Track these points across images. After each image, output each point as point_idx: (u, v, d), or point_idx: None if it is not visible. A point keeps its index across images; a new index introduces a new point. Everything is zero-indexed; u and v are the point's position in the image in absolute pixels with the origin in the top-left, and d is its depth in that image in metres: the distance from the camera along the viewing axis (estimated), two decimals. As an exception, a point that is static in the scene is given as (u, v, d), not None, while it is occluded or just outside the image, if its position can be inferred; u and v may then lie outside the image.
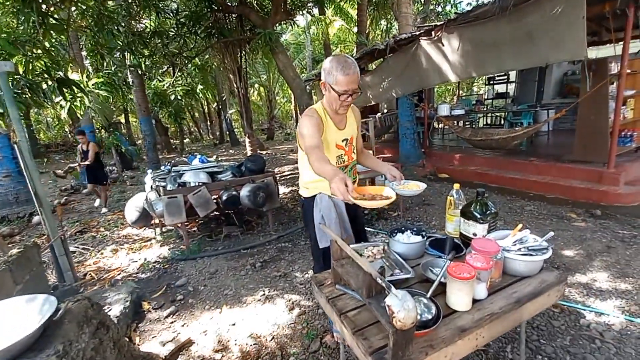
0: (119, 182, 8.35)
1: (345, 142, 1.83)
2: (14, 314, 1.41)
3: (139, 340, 2.26)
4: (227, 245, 3.81)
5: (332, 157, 1.80)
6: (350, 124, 1.85)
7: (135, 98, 7.73)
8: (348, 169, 1.88)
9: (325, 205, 1.84)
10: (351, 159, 1.88)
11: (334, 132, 1.77)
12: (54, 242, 2.76)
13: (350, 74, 1.58)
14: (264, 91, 20.36)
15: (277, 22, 6.40)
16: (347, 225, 1.88)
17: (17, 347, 1.20)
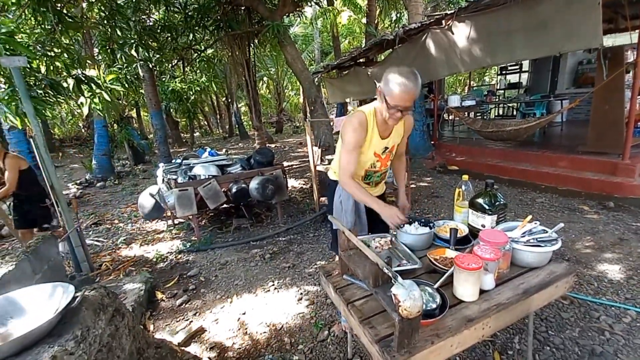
0: (131, 176, 8.52)
1: (384, 150, 1.81)
2: (35, 301, 1.48)
3: (153, 328, 2.34)
4: (237, 237, 3.88)
5: (366, 161, 1.81)
6: (396, 132, 1.81)
7: (146, 92, 7.84)
8: (377, 175, 1.90)
9: (345, 193, 1.90)
10: (384, 166, 1.89)
11: (377, 140, 1.75)
12: (71, 234, 2.85)
13: (407, 91, 1.51)
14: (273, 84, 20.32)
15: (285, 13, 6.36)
16: (362, 215, 1.95)
17: (37, 332, 1.26)
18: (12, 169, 3.16)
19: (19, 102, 3.32)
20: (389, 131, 1.77)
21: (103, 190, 7.10)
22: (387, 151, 1.82)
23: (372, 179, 1.92)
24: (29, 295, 1.51)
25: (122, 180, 8.01)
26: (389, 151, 1.82)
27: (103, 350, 1.50)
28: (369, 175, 1.89)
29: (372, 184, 1.94)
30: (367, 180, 1.93)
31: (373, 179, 1.92)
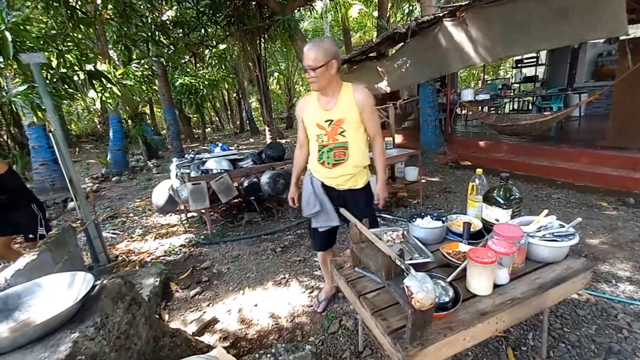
0: (145, 171, 8.68)
1: (328, 122, 1.84)
2: (56, 289, 1.53)
3: (168, 318, 2.40)
4: (248, 230, 3.92)
5: (311, 136, 1.94)
6: (343, 106, 1.82)
7: (159, 88, 7.95)
8: (326, 150, 1.89)
9: (306, 178, 2.08)
10: (334, 141, 1.87)
11: (317, 112, 1.87)
12: (88, 226, 2.93)
13: (306, 52, 1.74)
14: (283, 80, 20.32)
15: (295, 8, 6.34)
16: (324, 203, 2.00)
17: (59, 318, 1.31)
18: None
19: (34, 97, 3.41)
20: (333, 103, 1.84)
21: (118, 185, 7.27)
22: (332, 124, 1.84)
23: (323, 157, 1.91)
24: (51, 283, 1.57)
25: (136, 174, 8.17)
26: (335, 124, 1.83)
27: (121, 337, 1.55)
28: (321, 153, 1.92)
29: (328, 164, 1.91)
30: (321, 160, 1.93)
31: (325, 157, 1.91)
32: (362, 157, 1.93)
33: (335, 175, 1.93)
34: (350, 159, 1.89)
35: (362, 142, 1.91)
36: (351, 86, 1.87)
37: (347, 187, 1.96)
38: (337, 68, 1.77)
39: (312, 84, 1.80)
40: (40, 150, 5.97)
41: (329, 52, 1.72)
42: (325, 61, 1.71)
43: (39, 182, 6.02)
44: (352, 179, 1.95)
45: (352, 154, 1.89)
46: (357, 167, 1.92)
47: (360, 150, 1.91)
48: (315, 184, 2.01)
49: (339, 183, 1.96)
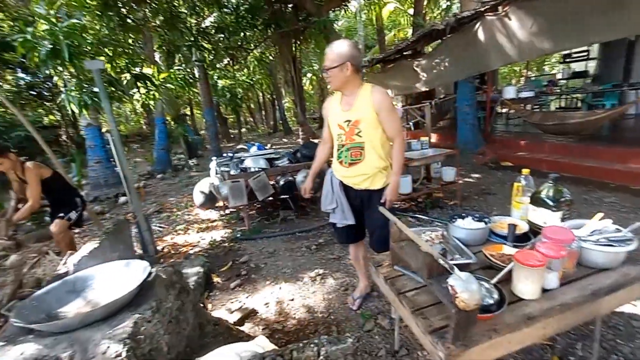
0: (186, 169, 9.16)
1: (347, 123, 1.91)
2: (118, 274, 1.69)
3: (210, 307, 2.54)
4: (283, 228, 4.03)
5: (334, 135, 2.03)
6: (360, 107, 1.87)
7: (200, 91, 8.36)
8: (344, 149, 1.95)
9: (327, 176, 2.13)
10: (351, 141, 1.92)
11: (338, 112, 1.95)
12: (139, 219, 3.17)
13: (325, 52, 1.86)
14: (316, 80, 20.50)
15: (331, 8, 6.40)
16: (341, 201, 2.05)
17: (121, 301, 1.45)
18: (33, 182, 2.76)
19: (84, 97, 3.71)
20: (352, 104, 1.89)
21: (162, 182, 7.74)
22: (350, 124, 1.90)
23: (342, 156, 1.98)
24: (113, 269, 1.73)
25: (178, 172, 8.65)
26: (353, 125, 1.89)
27: (172, 322, 1.67)
28: (340, 152, 1.98)
29: (345, 163, 1.97)
30: (340, 159, 1.99)
31: (343, 156, 1.97)
32: (378, 158, 1.93)
33: (351, 174, 1.98)
34: (366, 159, 1.92)
35: (379, 143, 1.92)
36: (370, 87, 1.89)
37: (363, 187, 1.99)
38: (354, 70, 1.83)
39: (329, 84, 1.93)
40: (96, 149, 6.51)
41: (344, 55, 1.78)
42: (339, 63, 1.78)
43: (94, 178, 6.57)
44: (368, 179, 1.96)
45: (368, 155, 1.92)
46: (373, 167, 1.94)
47: (376, 151, 1.92)
48: (334, 182, 2.06)
49: (356, 182, 1.99)
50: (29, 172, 2.79)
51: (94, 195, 6.29)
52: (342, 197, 2.04)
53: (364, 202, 2.02)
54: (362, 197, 2.01)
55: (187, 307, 1.91)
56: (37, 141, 3.39)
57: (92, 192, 6.43)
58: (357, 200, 2.04)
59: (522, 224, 1.66)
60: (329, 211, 2.14)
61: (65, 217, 3.01)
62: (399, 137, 1.94)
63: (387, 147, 1.98)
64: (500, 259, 1.46)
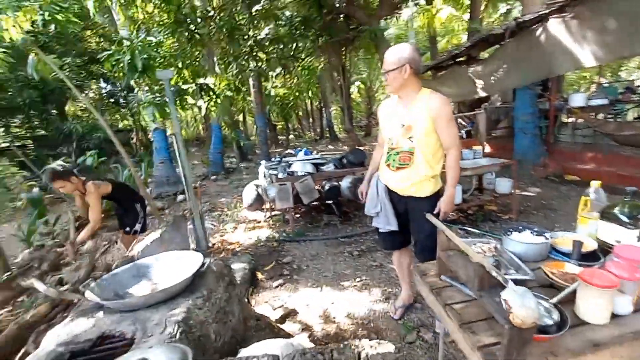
0: (237, 172, 9.68)
1: (400, 126, 1.89)
2: (175, 263, 1.84)
3: (254, 303, 2.65)
4: (326, 232, 4.07)
5: (385, 138, 2.02)
6: (416, 112, 1.83)
7: (254, 98, 8.85)
8: (394, 153, 1.93)
9: (374, 179, 2.13)
10: (402, 145, 1.90)
11: (392, 114, 1.95)
12: (195, 216, 3.42)
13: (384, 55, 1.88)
14: (364, 88, 20.49)
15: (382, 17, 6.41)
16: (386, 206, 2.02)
17: (178, 287, 1.58)
18: (94, 203, 2.83)
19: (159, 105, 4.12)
20: (408, 109, 1.87)
21: (216, 183, 8.26)
22: (403, 128, 1.87)
23: (390, 159, 1.95)
24: (171, 258, 1.89)
25: (230, 175, 9.17)
26: (407, 129, 1.85)
27: (220, 312, 1.77)
28: (389, 155, 1.96)
29: (392, 167, 1.94)
30: (387, 162, 1.97)
31: (391, 159, 1.94)
32: (428, 166, 1.87)
33: (397, 179, 1.93)
34: (414, 165, 1.87)
35: (431, 151, 1.86)
36: (429, 92, 1.84)
37: (409, 194, 1.93)
38: (413, 72, 1.80)
39: (386, 87, 1.94)
40: (161, 150, 7.18)
41: (403, 57, 1.77)
42: (399, 65, 1.77)
43: (158, 177, 7.24)
44: (415, 186, 1.91)
45: (417, 161, 1.86)
46: (421, 175, 1.88)
47: (426, 159, 1.86)
48: (380, 186, 2.04)
49: (401, 188, 1.94)
50: (89, 194, 2.87)
51: (157, 192, 6.91)
52: (387, 201, 2.01)
53: (409, 209, 1.98)
54: (407, 203, 1.97)
55: (233, 300, 2.01)
56: (114, 143, 3.83)
57: (156, 189, 7.08)
58: (402, 206, 2.00)
59: (590, 241, 1.50)
60: (373, 215, 2.12)
61: (131, 231, 3.17)
62: (456, 148, 1.87)
63: (439, 156, 1.91)
64: (563, 278, 1.33)
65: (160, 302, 1.55)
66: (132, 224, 3.21)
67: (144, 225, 3.37)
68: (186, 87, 4.38)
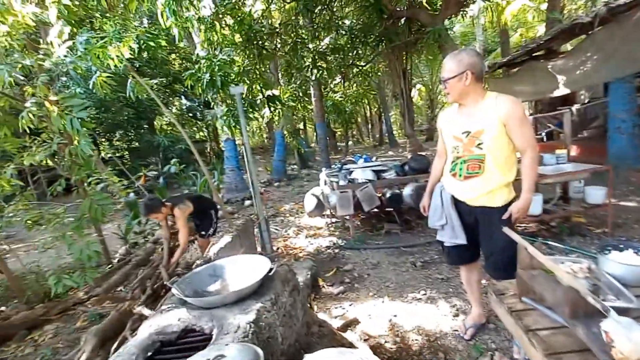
0: (298, 179, 10.03)
1: (466, 134, 1.78)
2: (246, 266, 1.96)
3: (315, 309, 2.69)
4: (387, 241, 3.98)
5: (448, 147, 1.91)
6: (483, 117, 1.72)
7: (314, 107, 9.14)
8: (460, 161, 1.82)
9: (437, 188, 2.01)
10: (469, 153, 1.78)
11: (454, 123, 1.85)
12: (261, 220, 3.62)
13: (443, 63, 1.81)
14: (426, 91, 19.76)
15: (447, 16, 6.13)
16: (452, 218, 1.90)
17: (249, 289, 1.68)
18: (182, 227, 3.09)
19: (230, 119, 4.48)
20: (472, 114, 1.76)
21: (278, 189, 8.65)
22: (469, 136, 1.76)
23: (456, 168, 1.84)
24: (243, 261, 2.02)
25: (291, 181, 9.55)
26: (473, 136, 1.74)
27: (286, 316, 1.84)
28: (454, 164, 1.85)
29: (459, 176, 1.83)
30: (453, 171, 1.86)
31: (457, 168, 1.83)
32: (500, 173, 1.74)
33: (466, 188, 1.82)
34: (485, 173, 1.74)
35: (502, 156, 1.73)
36: (495, 95, 1.73)
37: (479, 204, 1.79)
38: (475, 79, 1.70)
39: (446, 96, 1.84)
40: (231, 159, 7.82)
41: (463, 64, 1.69)
42: (458, 72, 1.69)
43: (228, 183, 7.88)
44: (486, 195, 1.77)
45: (489, 168, 1.73)
46: (494, 182, 1.74)
47: (498, 165, 1.73)
48: (445, 197, 1.93)
49: (471, 198, 1.81)
50: (177, 219, 3.12)
51: (227, 198, 7.51)
52: (453, 213, 1.90)
53: (480, 220, 1.84)
54: (478, 214, 1.83)
55: (297, 305, 2.07)
56: (193, 152, 4.27)
57: (226, 195, 7.70)
58: (471, 217, 1.87)
59: None
60: (437, 228, 2.01)
61: (206, 235, 3.50)
62: (532, 149, 1.71)
63: (512, 162, 1.77)
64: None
65: (233, 302, 1.66)
66: (207, 228, 3.52)
67: (216, 229, 3.67)
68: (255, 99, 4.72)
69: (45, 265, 4.28)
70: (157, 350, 1.47)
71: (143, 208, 3.15)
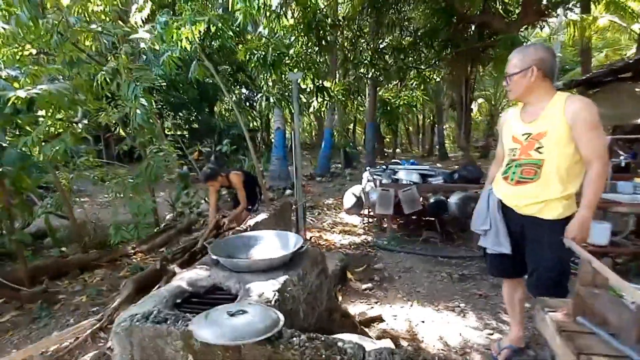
0: (341, 177, 10.03)
1: (526, 136, 1.63)
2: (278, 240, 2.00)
3: (341, 299, 2.65)
4: (424, 248, 3.81)
5: (506, 149, 1.77)
6: (547, 119, 1.56)
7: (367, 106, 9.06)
8: (515, 165, 1.68)
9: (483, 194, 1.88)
10: (526, 157, 1.63)
11: (516, 124, 1.71)
12: (299, 206, 3.65)
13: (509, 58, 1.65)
14: (487, 106, 18.66)
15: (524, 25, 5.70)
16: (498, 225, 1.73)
17: (278, 260, 1.71)
18: (240, 187, 3.43)
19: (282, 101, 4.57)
20: (535, 115, 1.61)
21: (320, 184, 8.74)
22: (529, 138, 1.61)
23: (509, 171, 1.70)
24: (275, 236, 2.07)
25: (334, 178, 9.59)
26: (533, 138, 1.59)
27: (311, 295, 1.83)
28: (508, 167, 1.71)
29: (511, 180, 1.68)
30: (505, 174, 1.72)
31: (510, 172, 1.69)
32: (559, 182, 1.54)
33: (516, 194, 1.65)
34: (541, 180, 1.57)
35: (564, 164, 1.53)
36: (565, 96, 1.55)
37: (528, 213, 1.61)
38: (542, 75, 1.55)
39: (508, 93, 1.73)
40: (279, 148, 8.08)
41: (529, 59, 1.55)
42: (522, 68, 1.55)
43: (273, 171, 8.14)
44: (537, 205, 1.59)
45: (545, 175, 1.56)
46: (548, 192, 1.56)
47: (558, 174, 1.54)
48: (492, 200, 1.77)
49: (519, 205, 1.64)
50: (234, 183, 3.46)
51: (269, 185, 7.74)
52: (499, 218, 1.72)
53: (526, 230, 1.65)
54: (525, 224, 1.65)
55: (323, 289, 2.05)
56: (245, 138, 4.45)
57: (270, 182, 7.96)
58: (517, 226, 1.68)
59: None
60: (480, 232, 1.85)
61: (252, 210, 3.64)
62: (599, 161, 1.48)
63: (576, 173, 1.56)
64: None
65: (262, 270, 1.70)
66: (252, 203, 3.69)
67: (258, 206, 3.88)
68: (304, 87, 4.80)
69: (104, 219, 4.77)
70: (185, 299, 1.57)
71: (203, 175, 3.42)
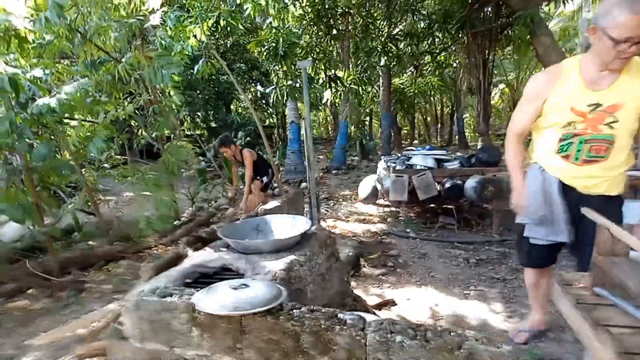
0: (357, 169, 9.94)
1: (593, 107, 1.38)
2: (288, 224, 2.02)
3: (354, 284, 2.63)
4: (440, 234, 3.74)
5: (558, 121, 1.46)
6: (622, 88, 1.34)
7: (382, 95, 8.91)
8: (578, 141, 1.42)
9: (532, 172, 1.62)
10: (596, 132, 1.39)
11: (578, 91, 1.40)
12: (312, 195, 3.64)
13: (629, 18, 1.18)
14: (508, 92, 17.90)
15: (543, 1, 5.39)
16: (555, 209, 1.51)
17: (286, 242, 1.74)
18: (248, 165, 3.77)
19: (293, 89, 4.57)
20: (607, 83, 1.35)
21: (336, 177, 8.70)
22: (598, 109, 1.36)
23: (570, 149, 1.44)
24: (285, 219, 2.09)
25: (350, 171, 9.51)
26: (605, 111, 1.36)
27: (320, 277, 1.84)
28: (568, 144, 1.45)
29: (576, 159, 1.45)
30: (565, 152, 1.47)
31: (573, 149, 1.44)
32: (627, 157, 1.45)
33: (583, 175, 1.47)
34: (611, 157, 1.42)
35: (631, 138, 1.44)
36: None
37: (596, 192, 1.47)
38: None
39: (621, 61, 1.29)
40: (293, 141, 8.12)
41: None
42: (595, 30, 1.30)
43: (288, 165, 8.21)
44: (605, 183, 1.46)
45: (616, 152, 1.42)
46: (616, 170, 1.45)
47: (626, 148, 1.44)
48: (550, 181, 1.53)
49: (586, 185, 1.48)
50: (245, 159, 3.81)
51: (285, 178, 7.79)
52: (560, 203, 1.51)
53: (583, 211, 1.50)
54: (589, 204, 1.38)
55: (333, 272, 2.05)
56: (260, 135, 4.50)
57: (285, 175, 8.02)
58: (575, 208, 1.47)
59: None
60: (533, 221, 1.59)
61: (260, 179, 3.91)
62: None
63: (630, 145, 1.48)
64: None
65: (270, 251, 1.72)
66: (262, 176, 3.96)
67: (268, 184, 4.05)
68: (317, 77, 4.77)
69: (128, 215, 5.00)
70: (195, 279, 1.62)
71: (218, 142, 3.92)
